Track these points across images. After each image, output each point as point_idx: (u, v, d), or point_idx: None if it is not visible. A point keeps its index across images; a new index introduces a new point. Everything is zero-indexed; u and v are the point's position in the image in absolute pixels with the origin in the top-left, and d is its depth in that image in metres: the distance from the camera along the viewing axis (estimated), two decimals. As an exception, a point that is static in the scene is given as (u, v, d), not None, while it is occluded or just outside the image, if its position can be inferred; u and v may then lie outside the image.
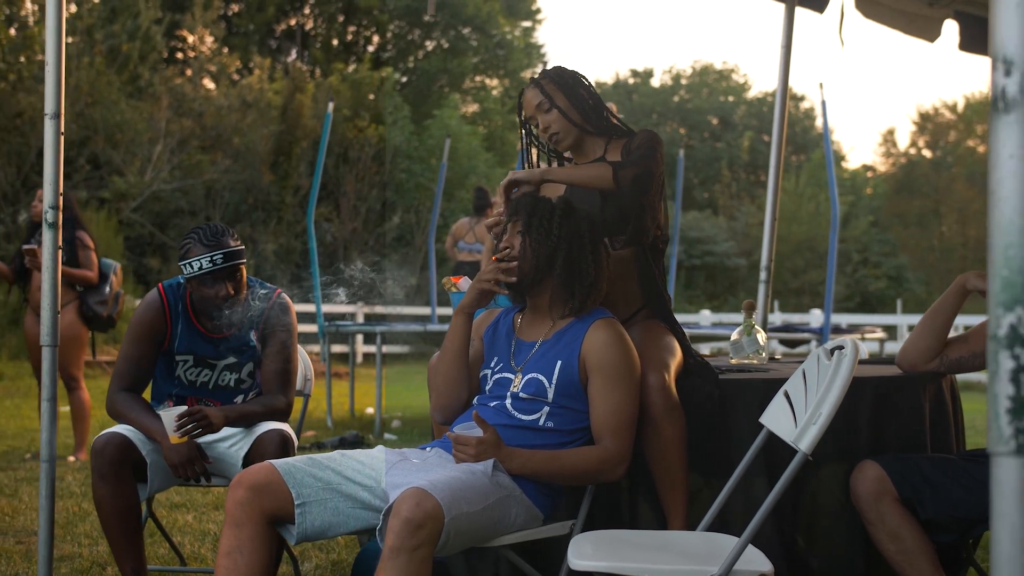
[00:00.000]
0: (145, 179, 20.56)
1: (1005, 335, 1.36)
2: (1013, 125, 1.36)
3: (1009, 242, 1.36)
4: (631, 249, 3.61)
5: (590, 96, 3.74)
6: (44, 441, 3.77)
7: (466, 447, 3.08)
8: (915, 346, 3.75)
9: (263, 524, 3.06)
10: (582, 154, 3.75)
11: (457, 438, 3.10)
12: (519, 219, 3.36)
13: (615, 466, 3.19)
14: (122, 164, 20.41)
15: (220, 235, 3.85)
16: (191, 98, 22.92)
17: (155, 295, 3.95)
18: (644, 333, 3.51)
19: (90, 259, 7.42)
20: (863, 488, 3.45)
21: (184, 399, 4.00)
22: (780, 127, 5.64)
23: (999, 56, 1.38)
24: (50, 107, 3.78)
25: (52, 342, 3.78)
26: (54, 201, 3.78)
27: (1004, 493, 1.35)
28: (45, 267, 3.79)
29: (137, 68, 23.02)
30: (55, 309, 3.79)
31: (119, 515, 3.70)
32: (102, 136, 20.16)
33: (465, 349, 3.40)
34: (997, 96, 1.38)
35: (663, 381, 3.33)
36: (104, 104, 20.39)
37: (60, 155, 3.79)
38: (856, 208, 33.99)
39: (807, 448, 2.67)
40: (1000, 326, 1.36)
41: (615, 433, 3.19)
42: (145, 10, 23.76)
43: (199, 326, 3.95)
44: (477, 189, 11.42)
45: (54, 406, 3.77)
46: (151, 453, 3.77)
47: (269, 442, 3.75)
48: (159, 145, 20.97)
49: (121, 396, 3.88)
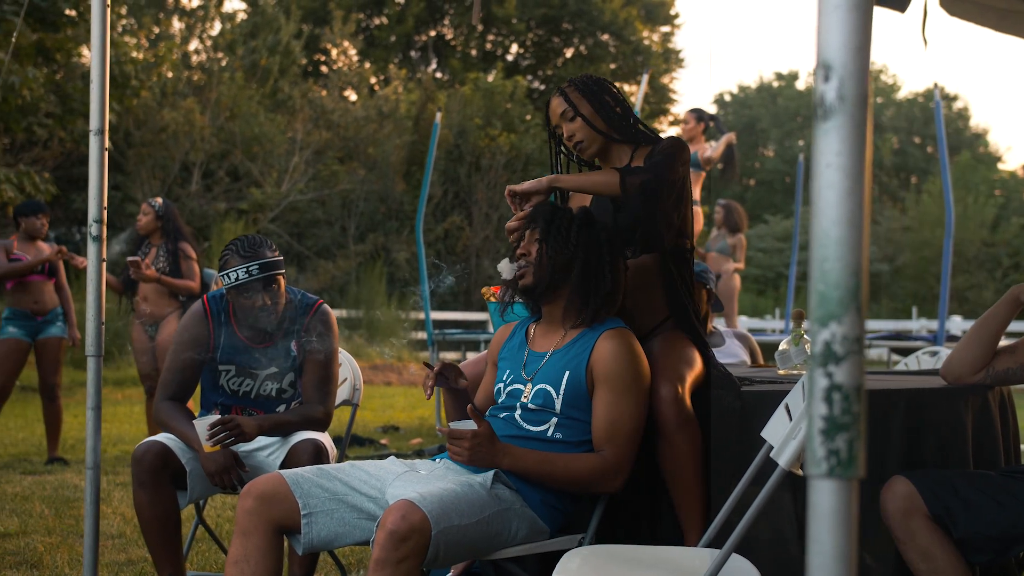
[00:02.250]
0: (282, 190, 21.07)
1: (820, 352, 1.30)
2: (831, 133, 1.31)
3: (825, 255, 1.30)
4: (653, 258, 3.55)
5: (616, 103, 3.69)
6: (89, 448, 3.89)
7: (460, 441, 3.07)
8: (961, 357, 3.61)
9: (270, 533, 3.10)
10: (608, 161, 3.72)
11: (451, 432, 3.09)
12: (537, 226, 3.35)
13: (611, 477, 3.14)
14: (260, 176, 20.96)
15: (257, 247, 3.93)
16: (329, 110, 23.41)
17: (199, 306, 4.05)
18: (663, 344, 3.45)
19: (192, 269, 7.62)
20: (892, 505, 3.33)
21: (229, 408, 4.08)
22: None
23: (820, 61, 1.32)
24: (95, 124, 3.90)
25: (96, 352, 3.90)
26: (99, 215, 3.90)
27: (817, 517, 1.29)
28: (90, 278, 3.91)
29: (277, 82, 23.62)
30: (99, 319, 3.91)
31: (157, 521, 3.79)
32: (240, 148, 20.73)
33: None
34: (817, 103, 1.32)
35: (675, 393, 3.26)
36: (243, 117, 20.97)
37: (105, 170, 3.91)
38: (1007, 210, 32.78)
39: (786, 464, 2.58)
40: (815, 343, 1.31)
41: (614, 444, 3.14)
42: (285, 25, 24.39)
43: (241, 336, 4.03)
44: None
45: (98, 415, 3.89)
46: (191, 461, 3.86)
47: (303, 452, 3.80)
48: (296, 156, 21.46)
49: (165, 405, 3.98)
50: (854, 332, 1.29)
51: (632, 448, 3.16)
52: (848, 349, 1.29)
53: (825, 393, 1.29)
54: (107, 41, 3.93)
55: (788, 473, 3.27)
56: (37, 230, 7.55)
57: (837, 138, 1.30)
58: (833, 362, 1.29)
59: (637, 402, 3.17)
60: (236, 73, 21.88)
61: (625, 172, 3.45)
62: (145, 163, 19.91)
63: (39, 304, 7.46)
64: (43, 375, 7.48)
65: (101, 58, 3.90)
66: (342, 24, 25.58)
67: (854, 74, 1.31)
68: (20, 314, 7.44)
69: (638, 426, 3.18)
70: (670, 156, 3.50)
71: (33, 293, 7.45)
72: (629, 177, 3.42)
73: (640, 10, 33.64)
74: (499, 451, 3.09)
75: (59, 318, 7.57)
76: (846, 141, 1.30)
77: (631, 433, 3.15)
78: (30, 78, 11.17)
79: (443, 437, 3.53)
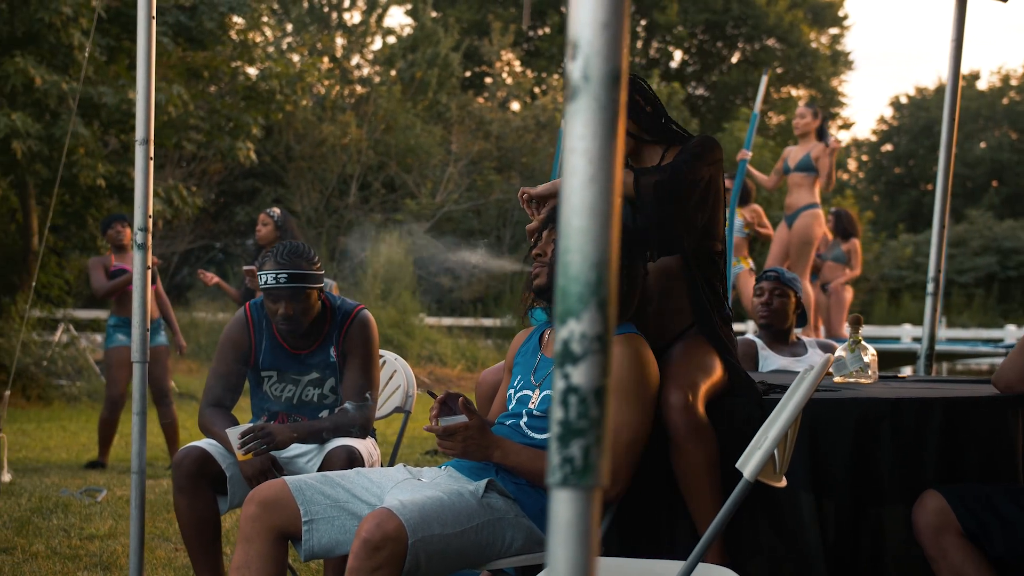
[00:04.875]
0: (436, 200, 21.33)
1: (559, 352, 1.21)
2: (575, 116, 1.21)
3: (567, 246, 1.21)
4: (677, 261, 3.43)
5: (647, 102, 3.58)
6: (134, 453, 3.97)
7: (453, 436, 3.00)
8: (1014, 364, 3.38)
9: (272, 540, 3.10)
10: (639, 162, 3.61)
11: (444, 428, 3.03)
12: (554, 227, 3.28)
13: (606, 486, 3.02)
14: (415, 187, 21.27)
15: (296, 256, 3.94)
16: (488, 120, 23.61)
17: (241, 313, 4.10)
18: (681, 351, 3.32)
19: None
20: (923, 521, 3.15)
21: (276, 414, 4.12)
22: (950, 127, 5.21)
23: (568, 39, 1.23)
24: (140, 134, 3.99)
25: (142, 358, 3.98)
26: (144, 223, 3.98)
27: (555, 529, 1.20)
28: (136, 286, 3.99)
29: (435, 94, 23.96)
30: (144, 327, 3.99)
31: (196, 526, 3.84)
32: (395, 160, 21.09)
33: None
34: (566, 83, 1.23)
35: (685, 401, 3.14)
36: (399, 130, 21.33)
37: (150, 179, 3.99)
38: None
39: (749, 475, 2.45)
40: (556, 341, 1.22)
41: (612, 452, 3.03)
42: (444, 38, 24.73)
43: (282, 342, 4.06)
44: None
45: (143, 420, 3.97)
46: (231, 467, 3.89)
47: (336, 458, 3.79)
48: (451, 167, 21.71)
49: (209, 411, 4.03)
50: (594, 330, 1.19)
51: (631, 458, 3.04)
52: (587, 348, 1.19)
53: (561, 396, 1.19)
54: (152, 55, 4.01)
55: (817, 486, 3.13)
56: (116, 238, 7.76)
57: (580, 121, 1.21)
58: (570, 362, 1.19)
59: (639, 411, 3.06)
60: (394, 86, 22.27)
61: (639, 173, 3.35)
62: (305, 176, 20.44)
63: None
64: (154, 383, 7.69)
65: (146, 71, 3.98)
66: (500, 36, 25.77)
67: (600, 52, 1.21)
68: (126, 322, 7.68)
69: (639, 436, 3.06)
70: (695, 155, 3.37)
71: None
72: (643, 178, 3.32)
73: (807, 12, 32.93)
74: (491, 443, 3.02)
75: (162, 327, 7.78)
76: (589, 125, 1.20)
77: (631, 442, 3.04)
78: (175, 95, 11.56)
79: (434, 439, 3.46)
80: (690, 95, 32.81)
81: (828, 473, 3.23)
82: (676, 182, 3.28)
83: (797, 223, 8.77)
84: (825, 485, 3.23)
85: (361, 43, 24.43)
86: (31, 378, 12.93)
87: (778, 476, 2.56)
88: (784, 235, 8.90)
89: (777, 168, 9.22)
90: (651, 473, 3.27)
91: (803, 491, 3.20)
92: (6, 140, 10.86)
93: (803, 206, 8.76)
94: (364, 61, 24.81)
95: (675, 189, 3.28)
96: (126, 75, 12.38)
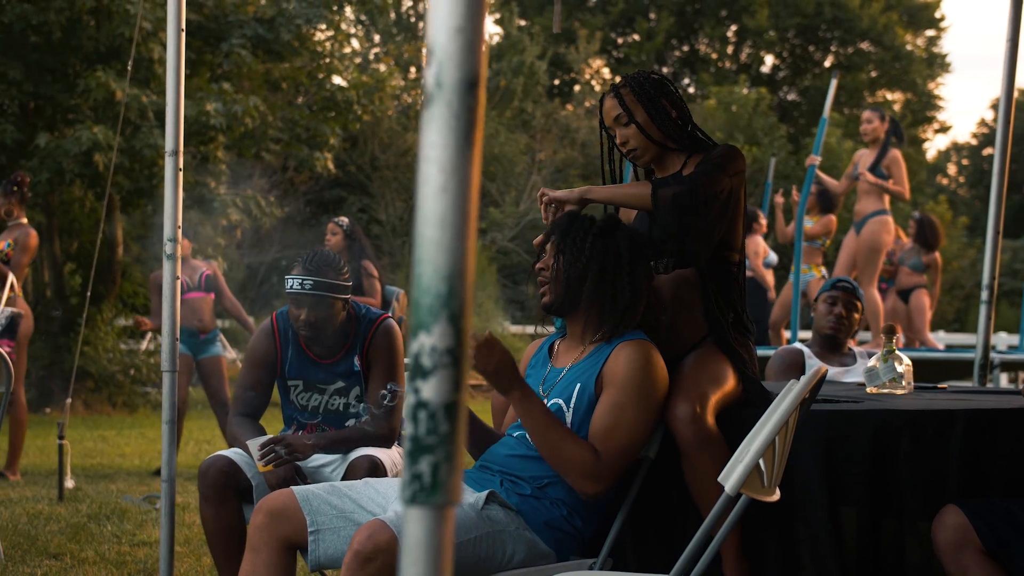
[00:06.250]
0: (520, 209, 21.34)
1: (410, 365, 1.18)
2: (428, 123, 1.19)
3: (420, 257, 1.18)
4: (692, 272, 3.36)
5: (673, 106, 3.50)
6: (164, 462, 4.01)
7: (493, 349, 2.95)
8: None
9: (279, 550, 3.10)
10: (662, 167, 3.55)
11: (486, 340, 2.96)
12: (555, 238, 3.24)
13: (591, 480, 2.94)
14: (498, 195, 21.31)
15: (324, 265, 3.96)
16: (574, 128, 23.57)
17: (268, 323, 4.12)
18: (693, 361, 3.26)
19: (373, 287, 7.79)
20: (942, 537, 3.05)
21: (304, 424, 4.14)
22: (1004, 133, 5.05)
23: (427, 45, 1.21)
24: (169, 144, 4.04)
25: (171, 367, 4.03)
26: (173, 234, 4.03)
27: (406, 547, 1.17)
28: (165, 296, 4.04)
29: (521, 102, 23.99)
30: (174, 336, 4.04)
31: (221, 535, 3.86)
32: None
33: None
34: (423, 90, 1.20)
35: (693, 412, 3.07)
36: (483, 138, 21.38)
37: (179, 190, 4.04)
38: None
39: (731, 490, 2.38)
40: (408, 355, 1.19)
41: (606, 451, 2.97)
42: (530, 46, 24.76)
43: (308, 351, 4.07)
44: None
45: (173, 428, 4.01)
46: (256, 476, 3.91)
47: (358, 468, 3.80)
48: (535, 175, 21.71)
49: (236, 420, 4.06)
50: (444, 343, 1.16)
51: (622, 460, 2.98)
52: (436, 362, 1.16)
53: (412, 411, 1.17)
54: (181, 67, 4.06)
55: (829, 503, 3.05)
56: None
57: (433, 130, 1.18)
58: (420, 377, 1.16)
59: (640, 416, 3.00)
60: (478, 95, 22.34)
61: (657, 184, 3.29)
62: (389, 185, 20.61)
63: (202, 323, 7.77)
64: (213, 393, 7.78)
65: (176, 82, 4.03)
66: (586, 43, 25.72)
67: (454, 58, 1.18)
68: (185, 330, 7.78)
69: (635, 441, 3.00)
70: (716, 166, 3.30)
71: (196, 310, 7.76)
72: (661, 190, 3.26)
73: (902, 14, 32.32)
74: (519, 381, 2.99)
75: (218, 337, 7.87)
76: (442, 133, 1.18)
77: (626, 445, 2.98)
78: (251, 106, 11.73)
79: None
80: (781, 100, 32.40)
81: (844, 487, 3.14)
82: (694, 195, 3.21)
83: (865, 230, 8.58)
84: (842, 499, 3.14)
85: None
86: (117, 386, 13.21)
87: (768, 491, 2.49)
88: (852, 242, 8.72)
89: (848, 173, 9.04)
90: (666, 486, 3.22)
91: (819, 504, 3.12)
92: (88, 153, 11.11)
93: (872, 212, 8.57)
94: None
95: (693, 203, 3.21)
96: (207, 87, 12.59)
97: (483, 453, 3.26)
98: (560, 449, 2.96)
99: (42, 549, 5.18)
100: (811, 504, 3.12)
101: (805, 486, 3.14)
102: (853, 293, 4.93)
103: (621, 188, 3.39)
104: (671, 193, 3.24)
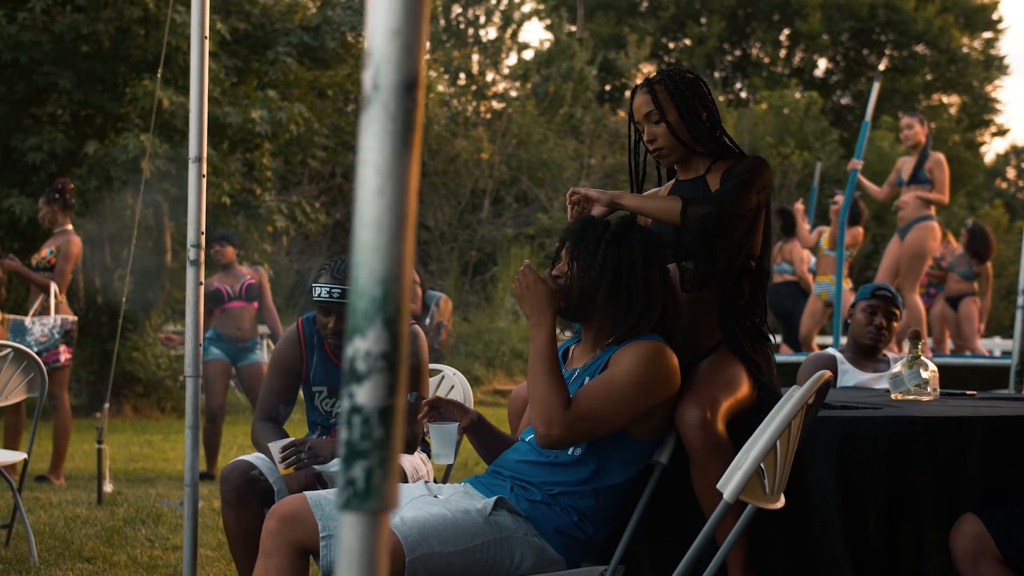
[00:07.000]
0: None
1: (345, 370, 1.17)
2: (365, 126, 1.18)
3: (357, 260, 1.17)
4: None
5: (705, 108, 3.47)
6: (187, 466, 4.03)
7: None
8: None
9: (291, 555, 3.10)
10: (686, 168, 3.53)
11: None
12: (569, 244, 3.22)
13: (550, 423, 2.91)
14: (547, 201, 21.29)
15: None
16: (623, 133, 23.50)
17: (293, 328, 4.14)
18: (705, 367, 3.23)
19: (413, 291, 7.82)
20: (960, 546, 2.99)
21: (328, 429, 4.15)
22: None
23: (367, 47, 1.20)
24: (193, 151, 4.06)
25: (194, 373, 4.04)
26: (197, 240, 4.05)
27: (340, 554, 1.16)
28: (188, 302, 4.06)
29: (570, 108, 23.97)
30: (197, 341, 4.06)
31: (242, 539, 3.88)
32: (527, 175, 21.16)
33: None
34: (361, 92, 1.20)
35: (702, 418, 3.04)
36: (531, 144, 21.40)
37: (203, 197, 4.06)
38: None
39: (729, 496, 2.35)
40: (344, 360, 1.18)
41: (576, 405, 2.94)
42: (579, 51, 24.74)
43: (332, 357, 4.08)
44: (780, 210, 10.69)
45: (196, 433, 4.02)
46: (278, 481, 3.92)
47: (376, 473, 3.79)
48: (584, 181, 21.68)
49: (260, 425, 4.08)
50: (379, 348, 1.15)
51: (587, 425, 2.94)
52: (371, 367, 1.15)
53: (347, 416, 1.16)
54: (204, 74, 4.08)
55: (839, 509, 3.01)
56: (216, 257, 7.92)
57: (370, 132, 1.17)
58: (355, 381, 1.15)
59: (627, 396, 2.95)
60: (527, 101, 22.36)
61: (688, 202, 3.25)
62: (438, 191, 20.65)
63: (241, 331, 7.83)
64: (255, 398, 7.84)
65: (199, 90, 4.05)
66: (636, 48, 25.66)
67: (391, 60, 1.17)
68: (224, 337, 7.84)
69: (609, 414, 2.95)
70: (744, 182, 3.26)
71: (236, 319, 7.82)
72: (691, 207, 3.22)
73: (958, 17, 31.94)
74: (539, 310, 3.04)
75: (257, 345, 7.93)
76: (378, 136, 1.17)
77: (599, 413, 2.94)
78: (296, 113, 11.81)
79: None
80: (835, 104, 32.13)
81: (861, 494, 3.10)
82: (722, 218, 3.18)
83: (909, 236, 8.47)
84: (858, 506, 3.10)
85: (496, 59, 24.61)
86: (166, 391, 13.35)
87: (771, 498, 2.45)
88: (895, 248, 8.61)
89: (891, 180, 8.93)
90: (684, 493, 3.19)
91: (833, 512, 3.08)
92: (136, 160, 11.24)
93: (916, 219, 8.46)
94: (499, 76, 24.98)
95: (720, 226, 3.19)
96: (254, 95, 12.70)
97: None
98: (541, 382, 2.96)
99: (76, 552, 5.24)
100: (827, 511, 3.09)
101: (821, 493, 3.10)
102: (892, 301, 4.87)
103: (652, 200, 3.36)
104: (700, 213, 3.20)
